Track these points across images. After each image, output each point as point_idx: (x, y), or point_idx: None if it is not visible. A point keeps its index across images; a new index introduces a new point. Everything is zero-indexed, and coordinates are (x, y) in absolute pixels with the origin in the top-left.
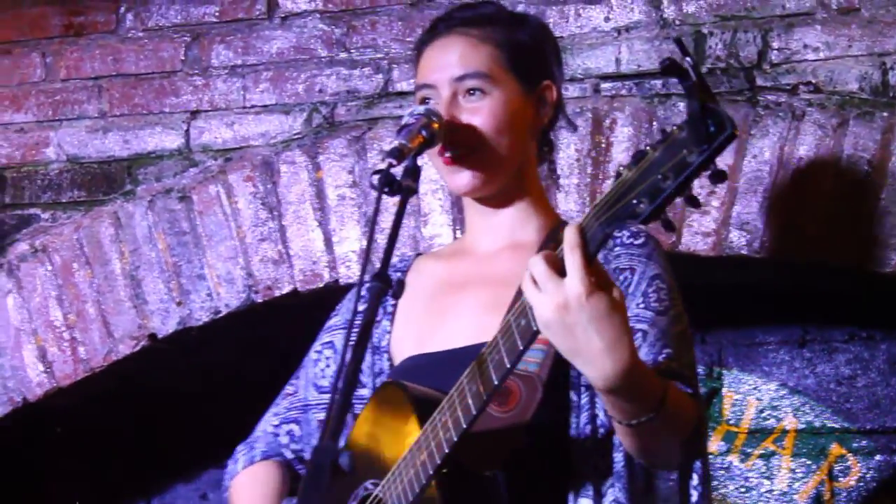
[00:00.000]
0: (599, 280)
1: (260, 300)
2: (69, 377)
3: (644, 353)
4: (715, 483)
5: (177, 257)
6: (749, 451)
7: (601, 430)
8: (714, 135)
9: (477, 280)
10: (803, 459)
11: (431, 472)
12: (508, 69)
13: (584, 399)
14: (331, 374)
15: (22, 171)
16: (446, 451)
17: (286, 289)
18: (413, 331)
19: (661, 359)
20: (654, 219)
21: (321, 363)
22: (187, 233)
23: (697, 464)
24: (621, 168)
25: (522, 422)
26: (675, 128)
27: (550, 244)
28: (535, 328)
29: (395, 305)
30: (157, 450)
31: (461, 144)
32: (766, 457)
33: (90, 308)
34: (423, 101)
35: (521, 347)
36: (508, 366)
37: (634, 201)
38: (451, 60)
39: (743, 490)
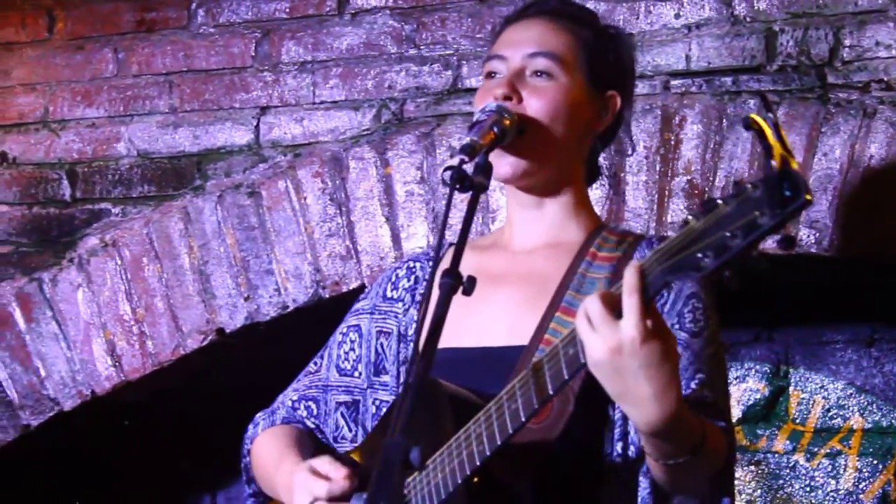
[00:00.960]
0: (655, 325)
1: (327, 296)
2: (137, 371)
3: None
4: (780, 482)
5: (245, 252)
6: (815, 450)
7: (632, 449)
8: (789, 200)
9: (512, 276)
10: (870, 459)
11: (460, 482)
12: (582, 64)
13: (618, 415)
14: (354, 359)
15: (93, 166)
16: (477, 463)
17: (354, 284)
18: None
19: (693, 384)
20: (716, 275)
21: (345, 346)
22: (256, 228)
23: (726, 500)
24: (689, 217)
25: (553, 435)
26: (749, 185)
27: (609, 288)
28: (582, 361)
29: (424, 294)
30: (223, 445)
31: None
32: (833, 456)
33: (159, 302)
34: (489, 74)
35: (567, 377)
36: (551, 392)
37: (699, 254)
38: (530, 37)
39: (808, 489)
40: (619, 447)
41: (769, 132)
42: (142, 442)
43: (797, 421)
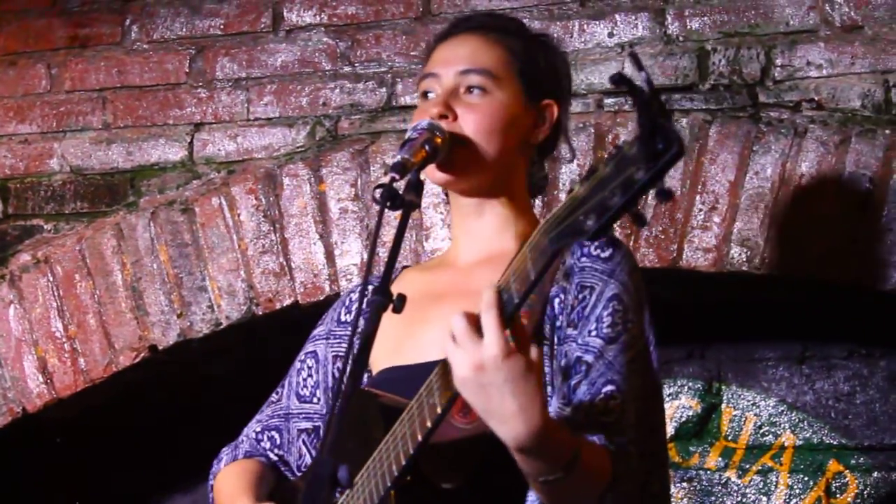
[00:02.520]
0: (519, 338)
1: (261, 313)
2: (69, 388)
3: (582, 392)
4: (713, 499)
5: (178, 269)
6: (747, 466)
7: None
8: (661, 153)
9: (454, 292)
10: (801, 476)
11: (390, 484)
12: (515, 75)
13: (552, 412)
14: (312, 385)
15: (25, 182)
16: (403, 463)
17: (287, 301)
18: (389, 342)
19: (598, 399)
20: (601, 235)
21: (304, 372)
22: (189, 245)
23: None
24: (574, 184)
25: (486, 433)
26: (625, 144)
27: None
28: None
29: (353, 314)
30: (157, 461)
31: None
32: (764, 473)
33: (91, 319)
34: (425, 94)
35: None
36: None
37: (582, 218)
38: (461, 54)
39: None
40: None
41: (639, 88)
42: (73, 459)
43: (729, 438)
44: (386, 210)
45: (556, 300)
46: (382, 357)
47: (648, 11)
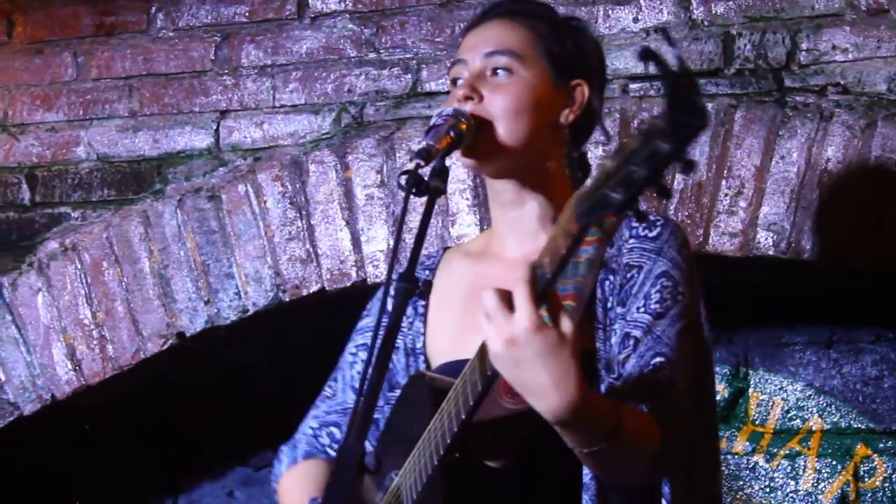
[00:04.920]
0: (554, 314)
1: (287, 299)
2: (98, 375)
3: (631, 365)
4: (740, 483)
5: (205, 256)
6: (774, 451)
7: None
8: (685, 124)
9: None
10: (829, 460)
11: (436, 462)
12: (541, 56)
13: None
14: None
15: (52, 170)
16: (448, 441)
17: (314, 288)
18: (446, 334)
19: (647, 371)
20: (628, 208)
21: (357, 366)
22: (216, 232)
23: (666, 489)
24: (605, 160)
25: (535, 414)
26: (656, 118)
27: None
28: None
29: (425, 306)
30: (185, 448)
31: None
32: (792, 457)
33: (119, 306)
34: (454, 81)
35: None
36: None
37: (610, 192)
38: (487, 37)
39: (768, 490)
40: None
41: (666, 62)
42: (102, 446)
43: (757, 422)
44: (411, 196)
45: (606, 283)
46: (441, 351)
47: None
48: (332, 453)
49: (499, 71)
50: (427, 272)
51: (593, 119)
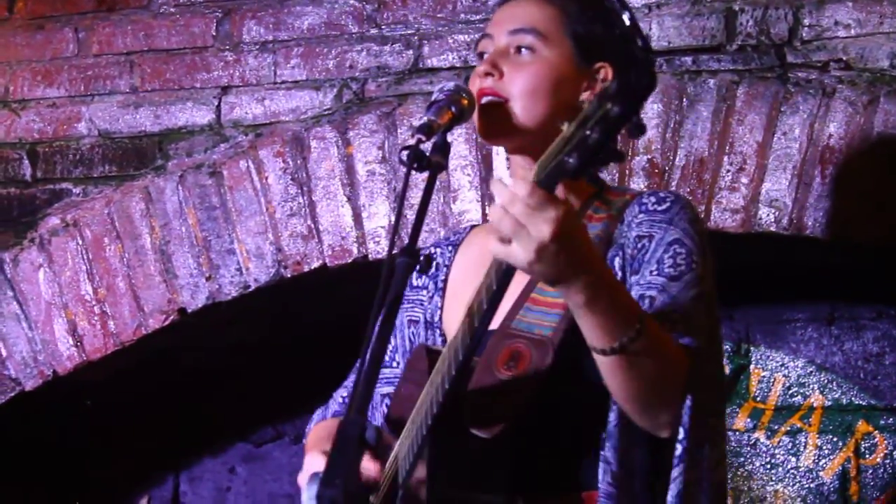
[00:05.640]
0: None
1: (289, 275)
2: (99, 351)
3: None
4: (741, 459)
5: (206, 232)
6: (776, 427)
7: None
8: (634, 87)
9: None
10: (830, 436)
11: (425, 432)
12: (566, 36)
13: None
14: (391, 350)
15: (54, 146)
16: (434, 410)
17: (315, 264)
18: (462, 308)
19: (665, 324)
20: (584, 173)
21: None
22: (217, 208)
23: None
24: (563, 124)
25: (530, 385)
26: (610, 82)
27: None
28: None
29: (444, 280)
30: (186, 424)
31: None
32: (793, 433)
33: (120, 282)
34: (481, 55)
35: (495, 287)
36: (485, 306)
37: (565, 157)
38: (514, 14)
39: (769, 466)
40: (597, 394)
41: (622, 22)
42: (103, 422)
43: (758, 399)
44: (413, 172)
45: (616, 259)
46: (456, 322)
47: None
48: None
49: (522, 49)
50: (451, 248)
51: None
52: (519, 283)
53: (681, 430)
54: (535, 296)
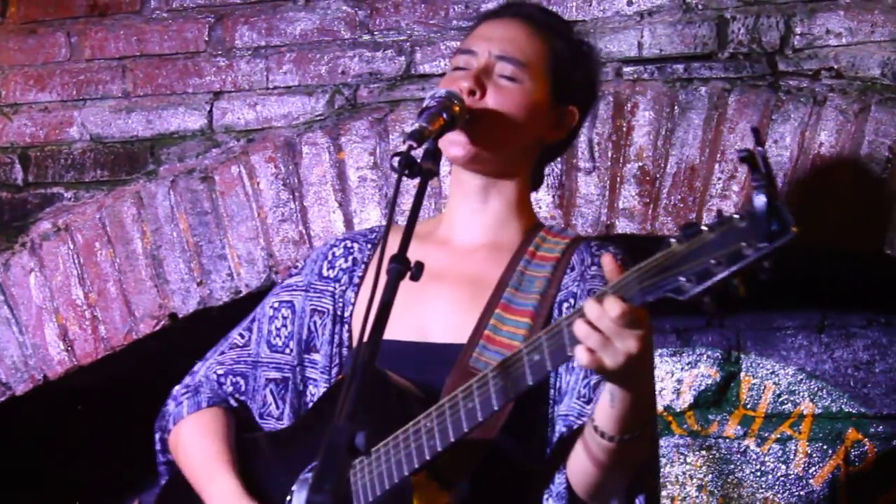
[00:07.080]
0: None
1: (280, 280)
2: (90, 356)
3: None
4: (731, 467)
5: (198, 237)
6: (766, 435)
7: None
8: (776, 234)
9: (453, 274)
10: (820, 444)
11: (406, 473)
12: (547, 73)
13: (567, 411)
14: (286, 335)
15: (45, 151)
16: (427, 457)
17: None
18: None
19: None
20: (695, 300)
21: (277, 321)
22: (209, 213)
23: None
24: (671, 239)
25: (492, 433)
26: (736, 216)
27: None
28: (549, 368)
29: (361, 277)
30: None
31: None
32: (783, 441)
33: (111, 287)
34: (456, 68)
35: (530, 382)
36: (512, 395)
37: (682, 277)
38: (503, 36)
39: (759, 474)
40: (553, 444)
41: (761, 166)
42: (94, 426)
43: (748, 406)
44: (404, 178)
45: (565, 305)
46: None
47: None
48: (234, 403)
49: (506, 75)
50: (369, 245)
51: (570, 142)
52: (469, 308)
53: None
54: (488, 333)
